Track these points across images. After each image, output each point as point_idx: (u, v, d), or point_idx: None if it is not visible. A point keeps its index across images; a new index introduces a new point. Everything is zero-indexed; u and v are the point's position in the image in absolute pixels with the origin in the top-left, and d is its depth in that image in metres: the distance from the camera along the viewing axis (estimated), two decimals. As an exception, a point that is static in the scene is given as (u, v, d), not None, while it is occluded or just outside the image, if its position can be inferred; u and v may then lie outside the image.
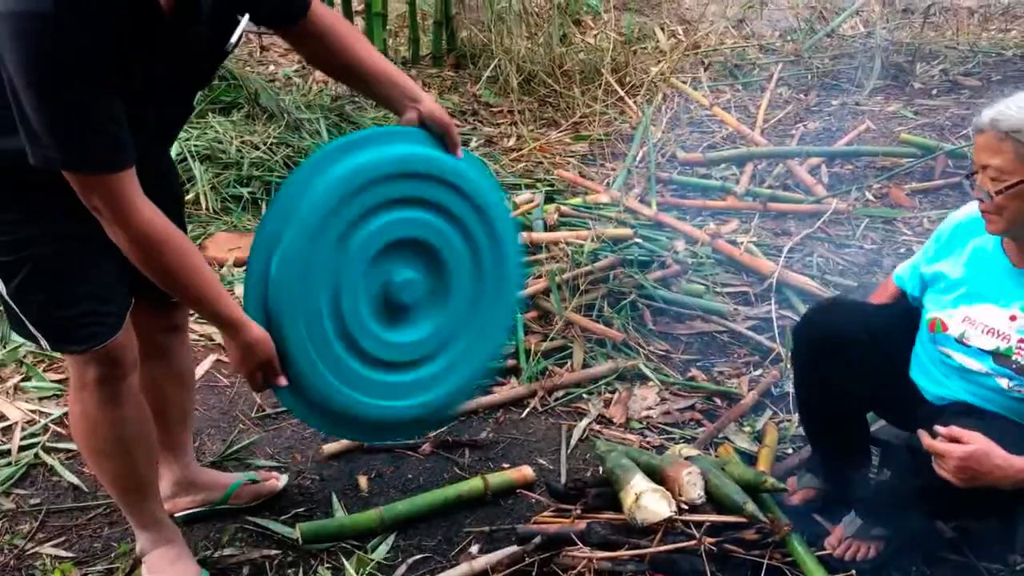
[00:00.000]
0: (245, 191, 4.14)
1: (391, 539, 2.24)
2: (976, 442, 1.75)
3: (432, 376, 2.03)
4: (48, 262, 1.73)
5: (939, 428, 1.80)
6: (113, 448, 1.93)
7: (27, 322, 1.79)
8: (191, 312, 2.26)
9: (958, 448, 1.76)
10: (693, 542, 2.03)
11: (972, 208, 2.04)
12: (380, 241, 1.89)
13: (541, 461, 2.58)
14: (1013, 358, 1.91)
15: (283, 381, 1.84)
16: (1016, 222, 1.83)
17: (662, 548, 2.03)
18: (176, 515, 2.24)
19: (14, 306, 1.78)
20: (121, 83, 1.53)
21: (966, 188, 3.95)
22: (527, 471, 2.45)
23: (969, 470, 1.75)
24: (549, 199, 4.10)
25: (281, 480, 2.41)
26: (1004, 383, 1.94)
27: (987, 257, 1.99)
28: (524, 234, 3.50)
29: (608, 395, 2.89)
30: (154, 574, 2.05)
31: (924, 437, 1.83)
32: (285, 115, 4.60)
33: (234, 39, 1.72)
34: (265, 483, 2.38)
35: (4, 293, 1.77)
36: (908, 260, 2.26)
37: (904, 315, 2.17)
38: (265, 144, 4.35)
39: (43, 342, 1.81)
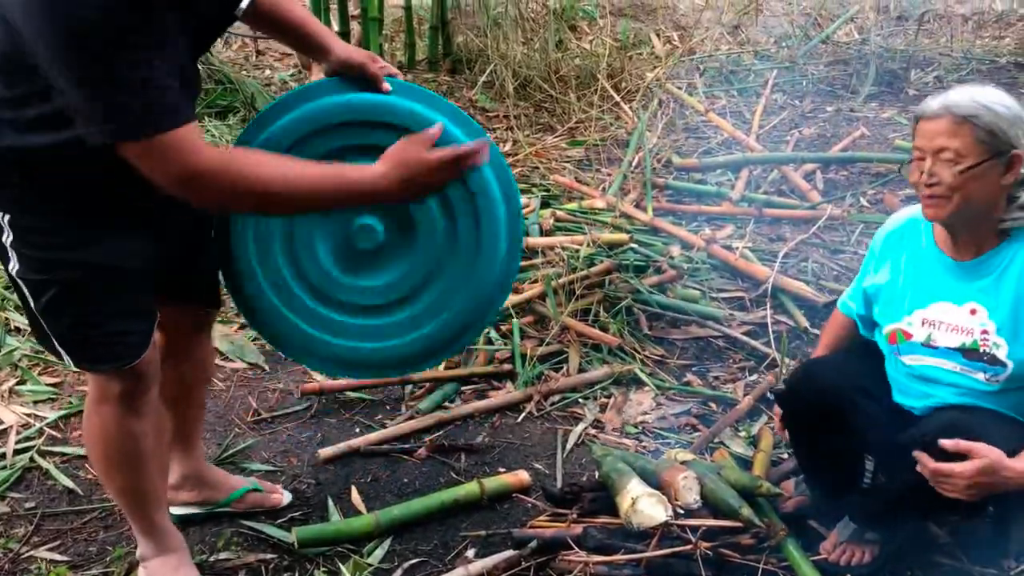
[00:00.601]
0: (241, 195, 4.14)
1: (387, 543, 2.24)
2: (982, 454, 1.76)
3: (415, 316, 2.05)
4: (77, 283, 1.71)
5: (944, 442, 1.79)
6: (127, 461, 1.91)
7: (53, 339, 1.78)
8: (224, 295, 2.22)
9: (967, 468, 1.76)
10: (689, 547, 2.04)
11: (898, 217, 2.12)
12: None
13: (537, 465, 2.58)
14: (981, 350, 1.93)
15: (476, 155, 1.76)
16: (966, 206, 1.86)
17: (658, 552, 2.03)
18: (173, 509, 2.22)
19: (42, 323, 1.76)
20: (167, 41, 1.51)
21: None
22: (523, 475, 2.45)
23: (979, 486, 1.77)
24: (545, 204, 4.11)
25: (285, 497, 2.39)
26: (981, 376, 1.95)
27: (925, 258, 2.02)
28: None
29: (604, 400, 2.89)
30: None
31: (926, 460, 1.82)
32: (281, 119, 4.60)
33: (244, 4, 1.80)
34: (270, 495, 2.37)
35: (33, 308, 1.75)
36: (849, 286, 2.29)
37: (874, 354, 2.18)
38: (261, 148, 4.35)
39: (67, 359, 1.80)
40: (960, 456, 1.79)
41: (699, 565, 2.03)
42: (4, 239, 1.69)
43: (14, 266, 1.70)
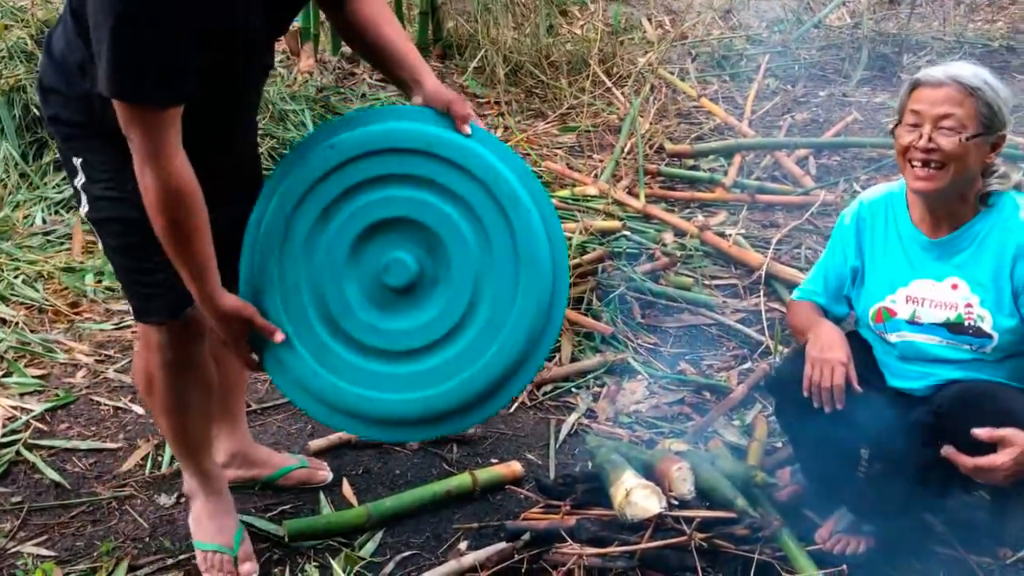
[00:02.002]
0: (230, 183, 4.10)
1: (379, 536, 2.22)
2: (1015, 441, 1.78)
3: (461, 353, 1.85)
4: (131, 225, 1.77)
5: (977, 432, 1.81)
6: (169, 409, 2.01)
7: (121, 283, 1.94)
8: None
9: (1006, 459, 1.78)
10: (683, 538, 2.02)
11: (869, 196, 2.15)
12: (364, 221, 1.82)
13: (530, 456, 2.56)
14: (966, 323, 1.96)
15: (280, 336, 1.82)
16: (957, 178, 1.89)
17: (652, 544, 2.01)
18: None
19: (112, 265, 1.94)
20: (214, 29, 1.60)
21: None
22: (516, 467, 2.43)
23: (1017, 471, 1.78)
24: (537, 191, 4.06)
25: (329, 473, 2.43)
26: (968, 348, 1.98)
27: (902, 237, 2.05)
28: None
29: (597, 389, 2.87)
30: (194, 522, 2.13)
31: (962, 459, 1.84)
32: (269, 106, 4.55)
33: None
34: (316, 472, 2.41)
35: (103, 251, 1.92)
36: (806, 277, 2.30)
37: (862, 343, 2.17)
38: (250, 135, 4.30)
39: (131, 310, 1.95)
40: (979, 446, 1.80)
41: (693, 556, 2.02)
42: (77, 181, 1.82)
43: (84, 208, 1.84)
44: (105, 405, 2.77)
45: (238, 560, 2.07)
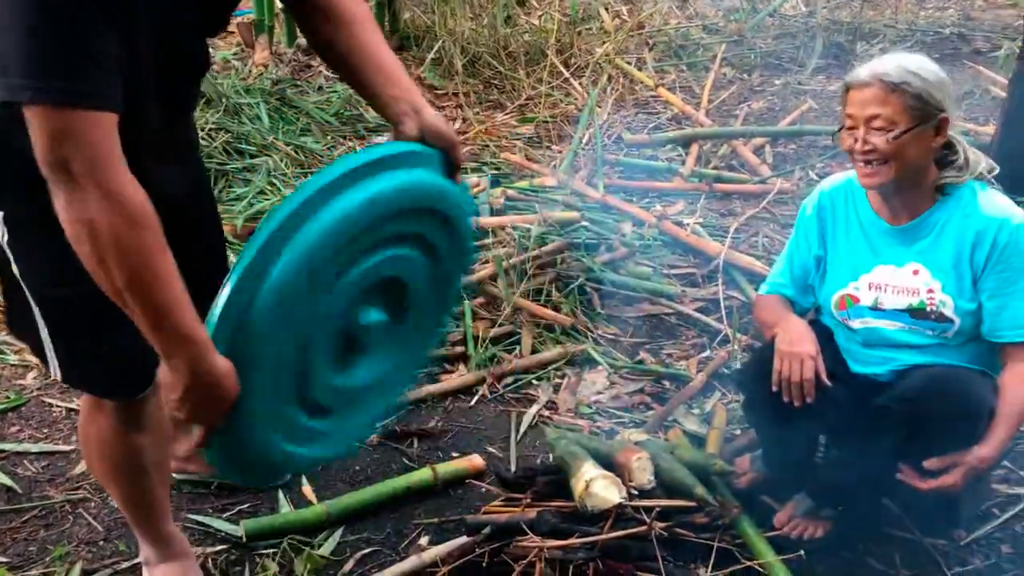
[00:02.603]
0: (183, 178, 4.03)
1: (338, 533, 2.20)
2: (964, 461, 1.87)
3: (356, 415, 1.73)
4: (86, 303, 1.45)
5: (929, 464, 1.90)
6: (127, 473, 1.80)
7: (49, 352, 1.60)
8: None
9: (957, 479, 1.88)
10: (643, 527, 2.03)
11: (828, 185, 2.16)
12: (367, 283, 1.59)
13: (491, 449, 2.55)
14: (928, 309, 1.99)
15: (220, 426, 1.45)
16: (902, 172, 1.92)
17: (612, 535, 2.02)
18: (177, 475, 2.20)
19: (49, 342, 1.59)
20: (124, 15, 1.29)
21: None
22: (477, 460, 2.42)
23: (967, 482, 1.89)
24: (495, 183, 4.06)
25: None
26: (930, 332, 2.01)
27: (863, 224, 2.08)
28: (473, 219, 3.44)
29: (558, 380, 2.87)
30: None
31: (918, 483, 1.93)
32: (223, 100, 4.49)
33: None
34: None
35: (40, 327, 1.57)
36: (772, 270, 2.31)
37: (823, 331, 2.18)
38: (203, 131, 4.24)
39: (57, 374, 1.63)
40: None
41: (654, 545, 2.02)
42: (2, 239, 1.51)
43: (15, 267, 1.53)
44: (57, 407, 2.72)
45: None
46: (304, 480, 2.39)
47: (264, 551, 2.14)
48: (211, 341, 1.36)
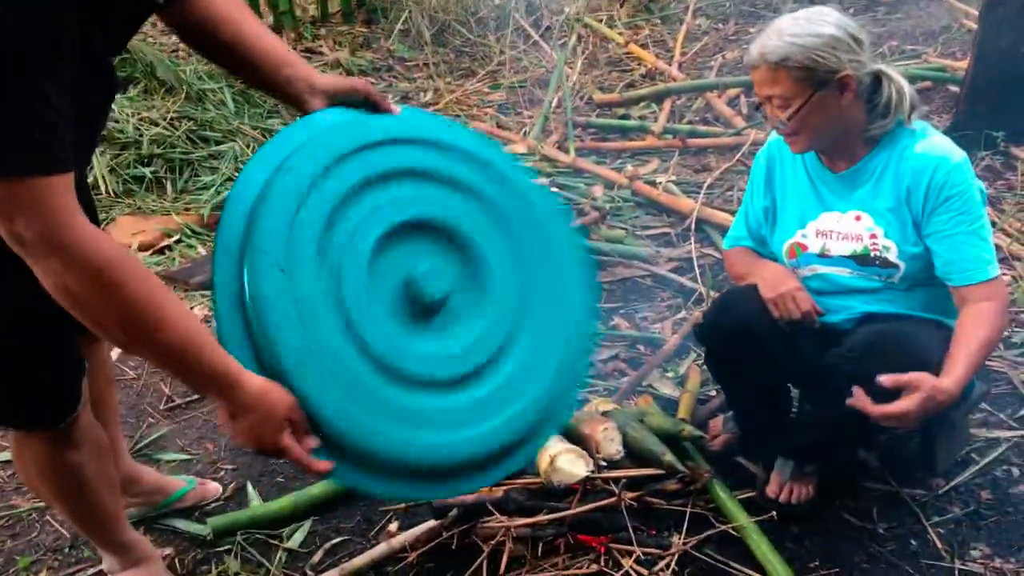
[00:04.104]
0: (147, 171, 3.97)
1: (308, 525, 2.16)
2: (919, 384, 1.71)
3: (508, 383, 1.54)
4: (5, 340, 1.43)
5: (882, 379, 1.73)
6: (71, 491, 1.73)
7: None
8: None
9: (911, 404, 1.70)
10: (613, 499, 1.99)
11: (773, 136, 2.11)
12: (377, 228, 1.48)
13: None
14: (872, 255, 1.95)
15: (314, 441, 1.35)
16: (817, 137, 1.92)
17: (582, 509, 1.98)
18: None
19: None
20: (73, 68, 1.19)
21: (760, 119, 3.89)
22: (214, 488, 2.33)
23: (925, 414, 1.73)
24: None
25: (217, 486, 2.30)
26: (876, 277, 1.97)
27: (809, 172, 2.04)
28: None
29: (530, 352, 2.82)
30: None
31: (870, 408, 1.75)
32: (185, 87, 4.42)
33: None
34: (207, 487, 2.28)
35: None
36: (733, 223, 2.26)
37: None
38: (165, 119, 4.17)
39: None
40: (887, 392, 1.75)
41: (624, 516, 1.99)
42: None
43: None
44: (24, 413, 2.68)
45: None
46: (275, 473, 2.35)
47: (232, 548, 2.10)
48: (236, 365, 1.28)
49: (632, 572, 1.94)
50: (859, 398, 1.77)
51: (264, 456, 1.32)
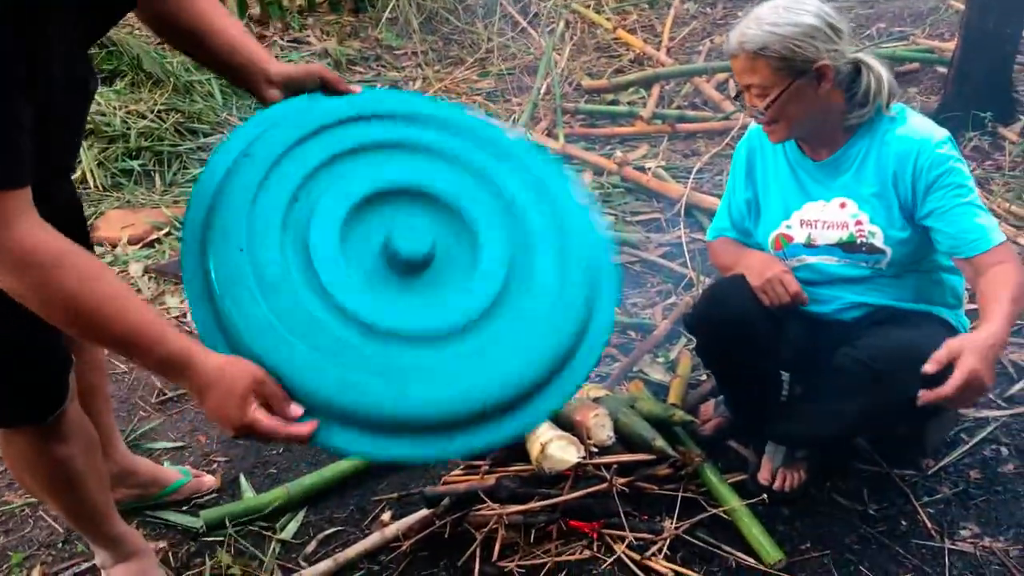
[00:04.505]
0: (136, 164, 3.96)
1: (301, 515, 2.17)
2: (962, 345, 1.62)
3: (485, 346, 1.45)
4: None
5: (926, 368, 1.61)
6: (60, 485, 1.72)
7: None
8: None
9: (971, 364, 1.58)
10: (604, 485, 2.00)
11: (752, 125, 2.10)
12: (347, 196, 1.47)
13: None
14: (858, 242, 1.95)
15: (298, 409, 1.30)
16: (796, 126, 1.92)
17: (573, 495, 1.99)
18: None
19: None
20: (37, 73, 1.19)
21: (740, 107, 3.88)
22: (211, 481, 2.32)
23: (991, 366, 1.62)
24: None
25: (212, 478, 2.30)
26: (864, 264, 1.97)
27: (791, 162, 2.04)
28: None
29: (521, 340, 2.82)
30: None
31: (942, 393, 1.60)
32: (172, 79, 4.39)
33: None
34: (202, 479, 2.28)
35: None
36: (716, 214, 2.26)
37: None
38: (153, 112, 4.16)
39: None
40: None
41: (616, 502, 2.00)
42: None
43: None
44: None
45: None
46: (267, 464, 2.36)
47: (225, 540, 2.11)
48: (190, 347, 1.27)
49: (624, 557, 1.95)
50: (927, 394, 1.63)
51: (245, 439, 1.30)
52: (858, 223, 1.93)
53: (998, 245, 1.81)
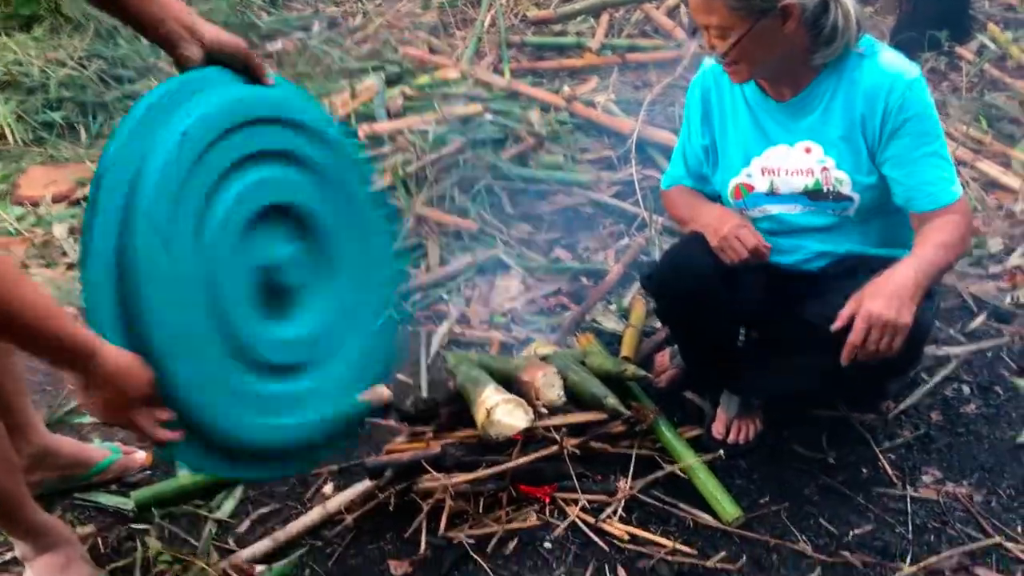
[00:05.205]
0: (57, 116, 3.73)
1: (238, 492, 2.05)
2: (865, 303, 1.59)
3: (328, 378, 1.68)
4: None
5: (837, 323, 1.62)
6: None
7: None
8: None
9: (869, 322, 1.58)
10: (555, 448, 1.91)
11: (706, 63, 1.96)
12: (250, 210, 1.52)
13: (400, 376, 2.40)
14: (824, 190, 1.83)
15: (168, 415, 1.38)
16: (761, 68, 1.79)
17: (522, 460, 1.89)
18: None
19: None
20: None
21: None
22: (382, 391, 2.25)
23: (884, 326, 1.58)
24: (393, 82, 3.78)
25: (143, 453, 2.16)
26: (830, 212, 1.86)
27: (750, 104, 1.90)
28: (364, 126, 3.21)
29: (469, 292, 2.71)
30: None
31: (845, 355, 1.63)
32: (94, 22, 4.13)
33: None
34: (133, 457, 2.15)
35: None
36: (671, 161, 2.14)
37: None
38: (74, 59, 3.91)
39: None
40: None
41: (568, 464, 1.91)
42: None
43: None
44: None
45: None
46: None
47: (157, 523, 1.99)
48: (92, 340, 1.28)
49: (578, 521, 1.87)
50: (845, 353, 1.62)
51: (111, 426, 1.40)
52: (824, 169, 1.81)
53: (953, 203, 1.73)
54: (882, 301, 1.58)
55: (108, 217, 1.36)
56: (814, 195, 1.84)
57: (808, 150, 1.83)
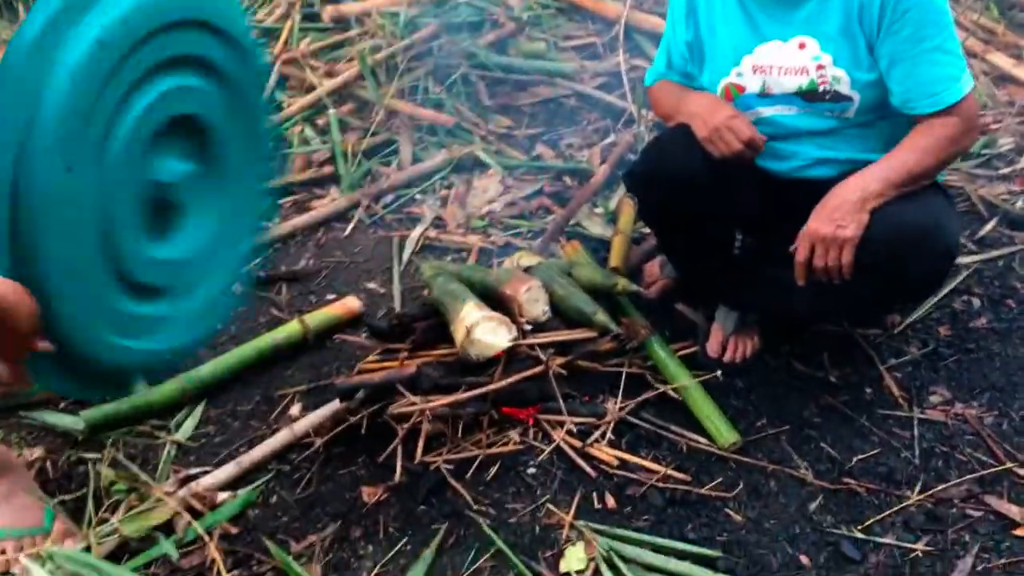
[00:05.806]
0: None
1: (199, 410, 1.91)
2: (809, 222, 1.58)
3: (181, 308, 1.53)
4: None
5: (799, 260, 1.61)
6: None
7: None
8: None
9: (803, 251, 1.59)
10: (539, 367, 1.77)
11: None
12: (155, 124, 1.38)
13: (371, 285, 2.24)
14: (820, 89, 1.66)
15: (48, 346, 1.30)
16: None
17: (505, 382, 1.75)
18: None
19: None
20: None
21: None
22: (352, 303, 2.11)
23: (824, 240, 1.56)
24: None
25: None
26: (829, 114, 1.69)
27: None
28: (329, 8, 2.95)
29: (444, 192, 2.52)
30: None
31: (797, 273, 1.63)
32: None
33: None
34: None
35: None
36: (655, 55, 1.95)
37: None
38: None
39: None
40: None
41: (553, 384, 1.77)
42: None
43: None
44: None
45: (53, 540, 1.64)
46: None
47: (112, 443, 1.85)
48: None
49: (564, 445, 1.74)
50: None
51: None
52: (820, 67, 1.63)
53: (954, 103, 1.56)
54: (824, 215, 1.55)
55: (3, 138, 1.18)
56: (809, 96, 1.66)
57: (802, 46, 1.64)
